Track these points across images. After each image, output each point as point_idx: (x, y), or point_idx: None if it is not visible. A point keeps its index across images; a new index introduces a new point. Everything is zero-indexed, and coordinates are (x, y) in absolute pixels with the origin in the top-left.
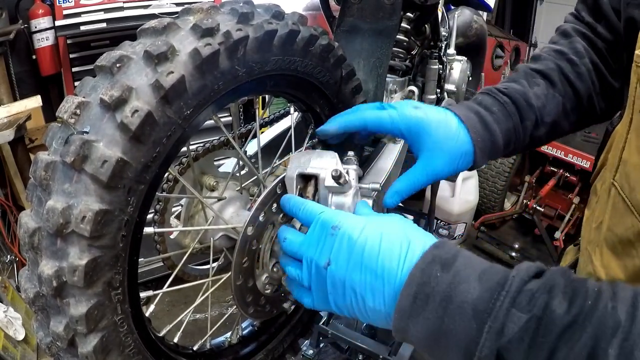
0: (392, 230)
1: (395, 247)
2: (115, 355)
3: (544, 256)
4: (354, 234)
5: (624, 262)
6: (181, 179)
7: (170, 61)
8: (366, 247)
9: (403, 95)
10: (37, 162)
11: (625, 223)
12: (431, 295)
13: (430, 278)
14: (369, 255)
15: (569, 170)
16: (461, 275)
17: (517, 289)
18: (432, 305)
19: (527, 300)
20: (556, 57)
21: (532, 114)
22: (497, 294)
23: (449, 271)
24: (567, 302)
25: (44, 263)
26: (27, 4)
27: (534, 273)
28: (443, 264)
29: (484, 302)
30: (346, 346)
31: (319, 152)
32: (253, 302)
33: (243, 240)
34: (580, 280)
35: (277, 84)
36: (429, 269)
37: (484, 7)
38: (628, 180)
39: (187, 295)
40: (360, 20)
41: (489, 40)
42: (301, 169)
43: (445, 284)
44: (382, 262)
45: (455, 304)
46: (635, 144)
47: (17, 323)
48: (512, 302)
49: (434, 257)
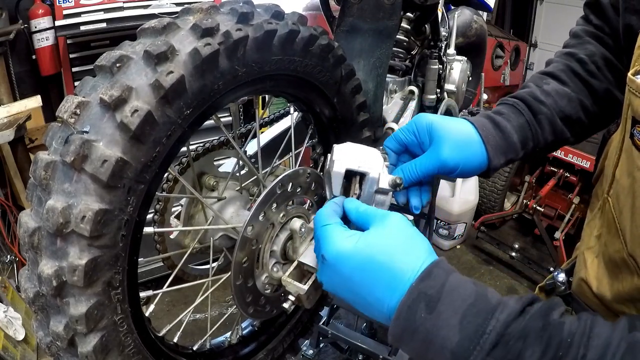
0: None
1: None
2: (115, 355)
3: (544, 256)
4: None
5: (613, 282)
6: (181, 178)
7: (170, 61)
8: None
9: (403, 95)
10: (37, 162)
11: (615, 244)
12: (416, 332)
13: (416, 317)
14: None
15: (569, 170)
16: (443, 319)
17: (493, 342)
18: (417, 341)
19: (502, 349)
20: (566, 59)
21: (544, 108)
22: (474, 345)
23: (432, 312)
24: (540, 352)
25: (44, 263)
26: (27, 4)
27: (516, 315)
28: (427, 302)
29: (462, 349)
30: (346, 346)
31: (361, 146)
32: (253, 302)
33: (243, 240)
34: (557, 325)
35: (277, 83)
36: (414, 306)
37: (484, 7)
38: (618, 201)
39: (187, 295)
40: (360, 21)
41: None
42: (350, 166)
43: (429, 326)
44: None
45: (437, 347)
46: (626, 167)
47: (17, 323)
48: (487, 352)
49: (419, 294)
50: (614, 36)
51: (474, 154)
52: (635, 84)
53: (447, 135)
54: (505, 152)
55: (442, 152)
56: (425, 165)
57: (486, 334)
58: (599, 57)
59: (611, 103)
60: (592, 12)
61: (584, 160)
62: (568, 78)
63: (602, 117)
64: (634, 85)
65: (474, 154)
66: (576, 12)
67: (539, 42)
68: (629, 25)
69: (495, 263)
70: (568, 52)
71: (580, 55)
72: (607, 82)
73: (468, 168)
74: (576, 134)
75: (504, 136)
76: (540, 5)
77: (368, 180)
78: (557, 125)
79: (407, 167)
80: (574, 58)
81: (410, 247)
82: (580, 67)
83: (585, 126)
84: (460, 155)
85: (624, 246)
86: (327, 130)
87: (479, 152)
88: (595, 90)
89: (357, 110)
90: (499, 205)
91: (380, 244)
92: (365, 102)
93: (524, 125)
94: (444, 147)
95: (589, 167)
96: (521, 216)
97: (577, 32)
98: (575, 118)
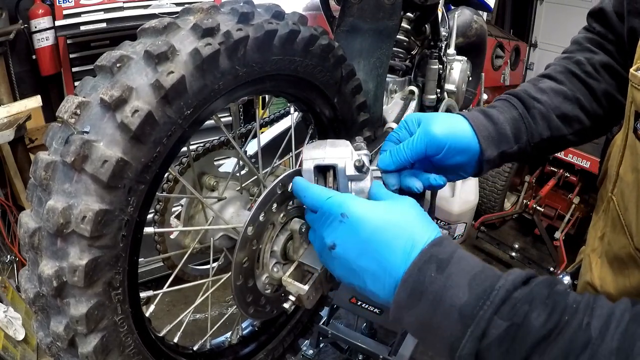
0: (399, 221)
1: (399, 241)
2: (116, 355)
3: (544, 256)
4: (362, 224)
5: (617, 279)
6: (181, 178)
7: (170, 61)
8: (373, 238)
9: (403, 95)
10: (37, 162)
11: (620, 241)
12: (425, 293)
13: (425, 277)
14: (375, 246)
15: (569, 170)
16: (453, 279)
17: (502, 298)
18: (425, 302)
19: (509, 308)
20: (564, 61)
21: (537, 103)
22: (483, 302)
23: (443, 273)
24: (546, 315)
25: (44, 263)
26: (27, 4)
27: (521, 282)
28: (438, 264)
29: (470, 308)
30: (346, 346)
31: (330, 141)
32: (253, 302)
33: (243, 240)
34: (562, 294)
35: (277, 83)
36: (425, 268)
37: (484, 7)
38: (623, 198)
39: (187, 295)
40: (360, 21)
41: (489, 40)
42: (318, 161)
43: (438, 286)
44: (386, 255)
45: (445, 305)
46: (630, 162)
47: (17, 323)
48: (495, 310)
49: (431, 256)
50: (617, 43)
51: (464, 132)
52: (638, 79)
53: (436, 116)
54: (497, 143)
55: (430, 127)
56: (412, 143)
57: (495, 291)
58: (598, 61)
59: (612, 104)
60: (595, 20)
61: (584, 160)
62: (565, 78)
63: (604, 119)
64: (636, 80)
65: (463, 132)
66: (576, 12)
67: (539, 42)
68: (633, 28)
69: (495, 263)
70: (566, 56)
71: (578, 57)
72: (606, 84)
73: (457, 146)
74: (576, 133)
75: (496, 127)
76: (540, 5)
77: (339, 171)
78: (553, 121)
79: (395, 148)
80: (571, 60)
81: (425, 220)
82: (577, 68)
83: (587, 127)
84: (449, 129)
85: (630, 241)
86: (327, 130)
87: (470, 136)
88: (593, 89)
89: (358, 110)
90: (499, 205)
91: (398, 212)
92: (365, 102)
93: (516, 117)
94: (432, 123)
95: (589, 167)
96: (521, 216)
97: (578, 40)
98: (573, 116)
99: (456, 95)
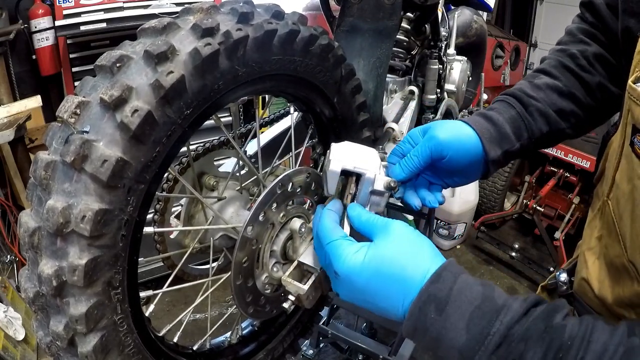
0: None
1: (394, 288)
2: (115, 354)
3: (544, 256)
4: (354, 281)
5: (614, 284)
6: (181, 178)
7: (170, 61)
8: (367, 290)
9: (403, 95)
10: (37, 162)
11: (615, 249)
12: (427, 331)
13: (426, 318)
14: (373, 296)
15: (569, 170)
16: (451, 321)
17: (497, 343)
18: (429, 338)
19: (505, 348)
20: (558, 55)
21: (534, 101)
22: (479, 346)
23: (441, 315)
24: (541, 354)
25: (44, 262)
26: (27, 4)
27: (520, 316)
28: (437, 304)
29: (468, 350)
30: (346, 346)
31: (359, 146)
32: (253, 302)
33: (243, 240)
34: (559, 328)
35: (277, 83)
36: (425, 308)
37: (484, 7)
38: (618, 206)
39: (187, 295)
40: (360, 20)
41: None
42: (347, 166)
43: (438, 327)
44: (384, 304)
45: (446, 346)
46: (626, 171)
47: (17, 323)
48: (492, 352)
49: (429, 296)
50: (608, 34)
51: (467, 136)
52: (637, 93)
53: (439, 122)
54: (499, 142)
55: (433, 133)
56: (418, 150)
57: (490, 335)
58: (591, 53)
59: (606, 96)
60: (586, 10)
61: (584, 160)
62: (559, 73)
63: (598, 111)
64: (635, 93)
65: (466, 135)
66: (576, 12)
67: (539, 42)
68: (628, 27)
69: (495, 263)
70: (560, 49)
71: (572, 50)
72: (600, 76)
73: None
74: (573, 127)
75: (497, 128)
76: (540, 5)
77: (364, 181)
78: (551, 116)
79: (403, 159)
80: (565, 53)
81: (417, 253)
82: (571, 62)
83: (582, 119)
84: (452, 133)
85: (624, 252)
86: (327, 130)
87: (473, 139)
88: (587, 83)
89: (357, 110)
90: (499, 205)
91: (388, 255)
92: (365, 102)
93: (515, 117)
94: (435, 129)
95: (589, 167)
96: (521, 216)
97: (572, 30)
98: (569, 110)
99: (456, 95)
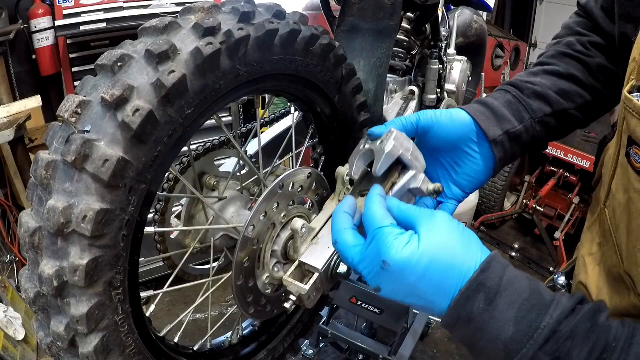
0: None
1: (450, 282)
2: (116, 355)
3: (544, 256)
4: (407, 273)
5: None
6: (182, 178)
7: (171, 60)
8: (420, 284)
9: (403, 95)
10: (38, 162)
11: (613, 258)
12: (473, 321)
13: (474, 307)
14: (421, 289)
15: (569, 170)
16: (500, 311)
17: (546, 337)
18: (472, 329)
19: (552, 344)
20: (554, 47)
21: (531, 85)
22: (527, 339)
23: (491, 304)
24: (587, 352)
25: (45, 263)
26: (27, 4)
27: (568, 313)
28: (487, 294)
29: (515, 343)
30: (346, 346)
31: (413, 144)
32: (254, 302)
33: (244, 240)
34: (604, 327)
35: (278, 83)
36: (473, 297)
37: (484, 7)
38: (615, 215)
39: (187, 295)
40: (360, 20)
41: (489, 40)
42: (406, 155)
43: (485, 318)
44: (433, 294)
45: (491, 336)
46: (622, 181)
47: (17, 323)
48: (539, 347)
49: (479, 285)
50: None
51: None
52: (633, 104)
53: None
54: (498, 123)
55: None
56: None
57: (540, 329)
58: (588, 41)
59: (608, 77)
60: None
61: (584, 160)
62: (557, 60)
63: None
64: (631, 104)
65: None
66: None
67: (539, 42)
68: (624, 33)
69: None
70: (557, 41)
71: (568, 39)
72: (599, 58)
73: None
74: (580, 109)
75: (492, 110)
76: (540, 5)
77: (409, 175)
78: (551, 97)
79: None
80: (561, 44)
81: (468, 242)
82: (568, 48)
83: (589, 101)
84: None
85: (621, 263)
86: (327, 130)
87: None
88: (587, 64)
89: (358, 110)
90: (499, 205)
91: (442, 243)
92: (365, 102)
93: (511, 100)
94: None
95: (589, 167)
96: (521, 216)
97: (569, 24)
98: (571, 91)
99: (456, 95)
